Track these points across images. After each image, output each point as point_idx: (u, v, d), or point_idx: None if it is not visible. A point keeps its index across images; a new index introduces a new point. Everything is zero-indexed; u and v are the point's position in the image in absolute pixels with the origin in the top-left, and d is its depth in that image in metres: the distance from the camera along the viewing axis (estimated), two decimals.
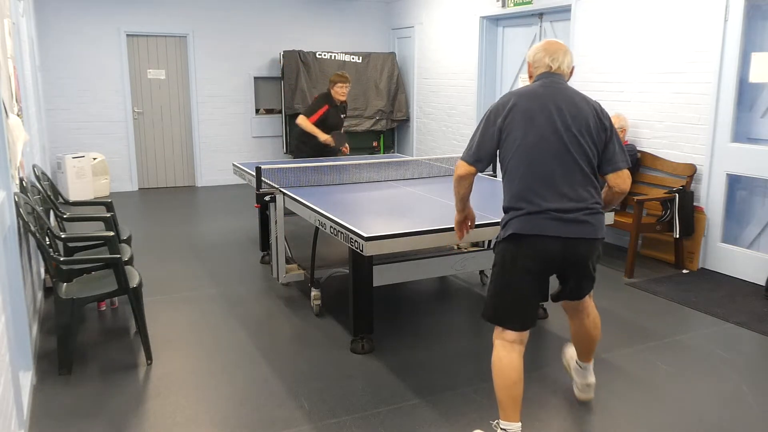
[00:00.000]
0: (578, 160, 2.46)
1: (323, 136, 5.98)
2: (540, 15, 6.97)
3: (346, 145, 6.33)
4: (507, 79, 7.65)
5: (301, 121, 6.03)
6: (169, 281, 4.87)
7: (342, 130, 6.36)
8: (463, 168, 2.62)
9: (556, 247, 2.46)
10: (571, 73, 2.67)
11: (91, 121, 8.50)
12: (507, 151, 2.52)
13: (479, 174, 4.99)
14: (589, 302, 2.89)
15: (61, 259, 3.53)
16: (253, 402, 3.07)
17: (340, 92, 6.10)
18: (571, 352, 3.14)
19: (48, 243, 3.49)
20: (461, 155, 2.64)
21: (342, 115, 6.30)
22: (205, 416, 2.94)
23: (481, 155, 2.58)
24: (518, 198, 2.48)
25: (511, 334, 2.57)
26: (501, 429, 2.55)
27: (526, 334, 2.61)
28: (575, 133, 2.46)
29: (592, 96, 6.08)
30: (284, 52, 8.91)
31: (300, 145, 6.22)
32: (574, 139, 2.45)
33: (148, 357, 3.48)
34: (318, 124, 6.02)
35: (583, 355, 3.01)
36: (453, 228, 3.29)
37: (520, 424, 2.55)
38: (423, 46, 9.05)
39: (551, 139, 2.44)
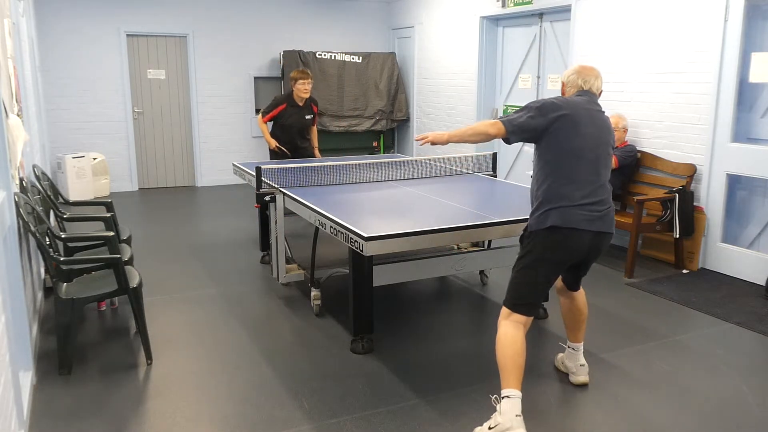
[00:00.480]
0: (607, 168, 2.87)
1: (266, 137, 6.13)
2: (540, 15, 6.97)
3: (317, 149, 6.39)
4: (507, 79, 7.65)
5: (259, 122, 6.18)
6: (169, 281, 4.87)
7: (314, 129, 6.33)
8: (499, 130, 2.83)
9: (587, 239, 2.79)
10: (599, 95, 3.08)
11: (91, 121, 8.50)
12: (551, 149, 2.80)
13: (478, 174, 5.02)
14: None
15: (61, 259, 3.53)
16: (253, 402, 3.07)
17: (301, 89, 5.99)
18: (559, 356, 3.42)
19: (48, 243, 3.49)
20: (501, 118, 2.85)
21: (308, 116, 6.15)
22: (205, 416, 2.94)
23: (519, 133, 2.82)
24: (559, 194, 2.76)
25: (521, 317, 2.83)
26: (504, 396, 2.70)
27: (531, 318, 2.89)
28: (606, 146, 2.87)
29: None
30: (284, 52, 8.91)
31: (271, 151, 6.27)
32: (605, 151, 2.85)
33: (148, 357, 3.48)
34: (275, 123, 6.05)
35: (573, 333, 3.24)
36: (453, 228, 3.30)
37: (521, 393, 2.71)
38: (423, 46, 9.05)
39: (593, 148, 2.80)
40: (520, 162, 7.55)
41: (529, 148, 7.38)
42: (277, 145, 6.10)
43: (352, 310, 3.57)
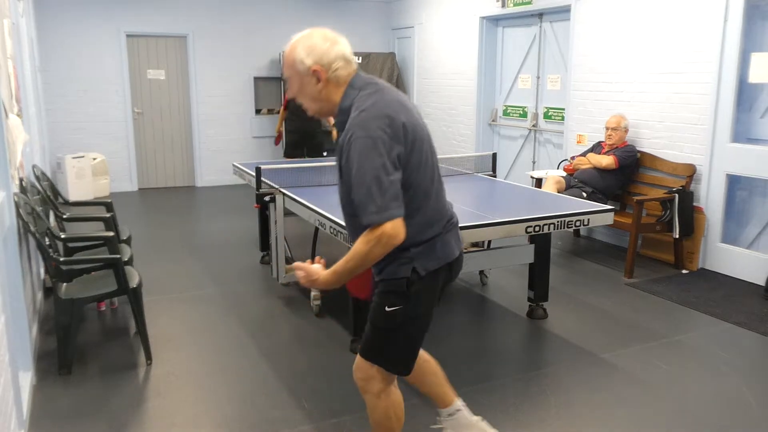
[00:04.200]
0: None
1: (278, 127, 6.74)
2: (540, 15, 6.97)
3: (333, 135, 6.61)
4: (507, 79, 7.65)
5: (281, 113, 6.76)
6: (169, 281, 4.87)
7: (320, 123, 6.69)
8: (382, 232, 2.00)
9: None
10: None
11: (91, 121, 8.50)
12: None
13: (478, 174, 5.02)
14: None
15: (61, 259, 3.53)
16: (253, 402, 3.07)
17: None
18: None
19: (48, 243, 3.48)
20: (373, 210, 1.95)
21: None
22: (205, 416, 2.94)
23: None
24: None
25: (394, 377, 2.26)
26: None
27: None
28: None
29: (592, 96, 6.14)
30: (284, 52, 8.89)
31: (288, 148, 6.53)
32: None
33: (148, 357, 3.48)
34: (288, 110, 6.51)
35: (442, 396, 2.52)
36: None
37: None
38: (423, 46, 9.04)
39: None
40: (520, 162, 7.55)
41: (528, 151, 7.39)
42: (279, 128, 6.65)
43: (352, 310, 3.57)
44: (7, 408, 2.38)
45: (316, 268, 2.09)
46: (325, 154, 6.59)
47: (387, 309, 2.08)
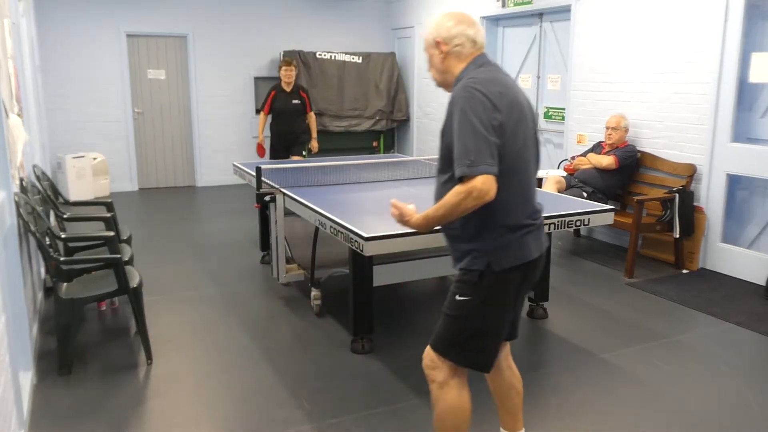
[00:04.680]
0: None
1: (260, 138, 6.80)
2: (540, 15, 6.97)
3: (311, 145, 6.85)
4: None
5: (260, 117, 6.80)
6: (169, 281, 4.87)
7: (311, 117, 6.81)
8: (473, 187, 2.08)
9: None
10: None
11: (91, 121, 8.50)
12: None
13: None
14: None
15: (62, 259, 3.53)
16: (253, 402, 3.07)
17: (284, 75, 6.64)
18: None
19: (48, 243, 3.48)
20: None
21: (295, 100, 6.67)
22: (205, 416, 2.94)
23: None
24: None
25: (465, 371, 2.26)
26: None
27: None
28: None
29: (592, 96, 6.14)
30: (284, 52, 8.91)
31: (272, 147, 6.75)
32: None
33: (148, 357, 3.48)
34: (271, 111, 6.66)
35: (511, 421, 2.49)
36: None
37: None
38: (423, 47, 9.03)
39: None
40: None
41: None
42: (260, 143, 6.80)
43: (352, 310, 3.57)
44: (7, 408, 2.39)
45: (411, 209, 2.16)
46: (304, 154, 6.72)
47: (458, 298, 2.14)
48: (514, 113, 2.02)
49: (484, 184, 1.92)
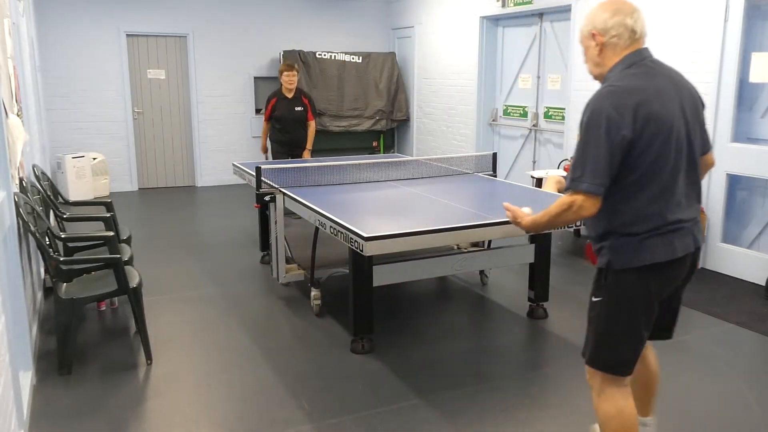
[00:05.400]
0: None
1: (262, 141, 6.53)
2: (540, 15, 6.97)
3: (307, 150, 6.46)
4: (507, 79, 7.65)
5: (264, 126, 6.45)
6: (169, 281, 4.87)
7: (311, 125, 6.46)
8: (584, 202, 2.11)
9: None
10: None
11: (91, 121, 8.50)
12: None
13: (478, 174, 5.02)
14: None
15: (61, 259, 3.53)
16: (253, 402, 3.07)
17: (286, 81, 6.23)
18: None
19: (48, 243, 3.48)
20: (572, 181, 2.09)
21: (297, 107, 6.30)
22: (204, 416, 2.94)
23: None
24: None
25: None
26: None
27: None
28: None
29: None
30: (284, 52, 8.91)
31: (273, 146, 6.48)
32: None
33: (148, 357, 3.48)
34: (272, 118, 6.31)
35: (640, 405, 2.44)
36: (453, 228, 3.30)
37: None
38: (423, 46, 9.04)
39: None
40: (520, 162, 7.55)
41: (529, 151, 7.38)
42: (264, 147, 6.50)
43: (352, 310, 3.57)
44: (7, 408, 2.38)
45: (524, 212, 2.29)
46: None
47: (593, 299, 2.17)
48: (650, 126, 1.97)
49: (584, 201, 1.99)
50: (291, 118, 6.28)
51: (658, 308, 2.13)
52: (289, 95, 6.29)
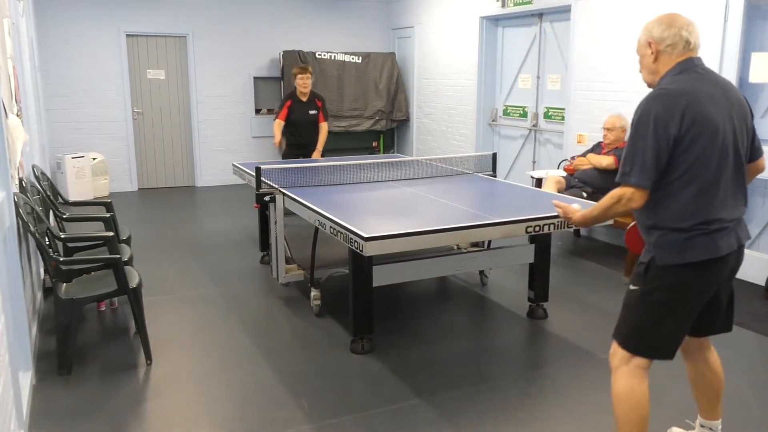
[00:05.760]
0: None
1: (276, 138, 6.16)
2: (540, 15, 6.97)
3: (317, 151, 6.30)
4: (507, 79, 7.65)
5: (275, 125, 6.20)
6: (169, 281, 4.87)
7: (323, 127, 6.33)
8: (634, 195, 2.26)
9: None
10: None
11: (91, 121, 8.50)
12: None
13: (478, 174, 5.02)
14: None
15: (61, 259, 3.53)
16: (252, 402, 3.07)
17: (301, 84, 6.11)
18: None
19: (47, 243, 3.48)
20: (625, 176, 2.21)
21: (312, 111, 6.21)
22: (204, 416, 2.94)
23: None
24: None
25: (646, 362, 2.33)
26: None
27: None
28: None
29: (592, 96, 6.15)
30: (284, 52, 8.91)
31: (285, 147, 6.35)
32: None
33: (148, 357, 3.48)
34: (287, 121, 6.15)
35: (708, 408, 2.55)
36: (453, 228, 3.30)
37: None
38: (423, 46, 9.04)
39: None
40: (520, 162, 7.55)
41: (528, 151, 7.39)
42: (278, 141, 6.16)
43: (352, 310, 3.57)
44: (7, 408, 2.38)
45: (575, 208, 2.48)
46: None
47: (630, 287, 2.29)
48: (695, 127, 2.08)
49: (633, 194, 2.15)
50: (305, 121, 6.19)
51: (701, 304, 2.25)
52: (304, 98, 6.17)
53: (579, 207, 2.46)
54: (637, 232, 2.45)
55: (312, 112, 6.22)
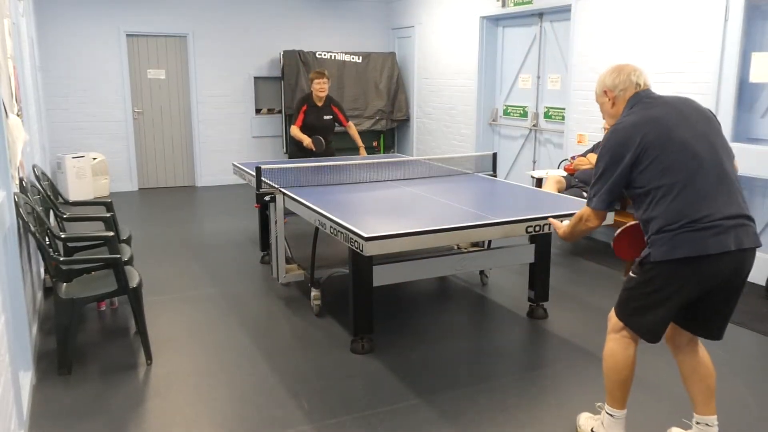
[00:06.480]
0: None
1: (306, 141, 6.02)
2: (540, 15, 6.97)
3: (361, 148, 6.33)
4: (507, 79, 7.65)
5: (292, 130, 6.14)
6: (169, 281, 4.87)
7: (350, 127, 6.37)
8: (593, 216, 2.63)
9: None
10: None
11: (91, 121, 8.50)
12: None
13: (478, 174, 5.02)
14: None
15: (61, 259, 3.53)
16: (253, 402, 3.07)
17: (317, 89, 6.10)
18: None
19: (48, 243, 3.48)
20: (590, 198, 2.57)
21: (326, 116, 6.20)
22: (204, 416, 2.94)
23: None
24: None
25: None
26: (608, 413, 2.67)
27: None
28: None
29: (593, 96, 6.12)
30: (284, 52, 8.91)
31: (293, 147, 6.30)
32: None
33: (148, 357, 3.48)
34: (303, 125, 6.10)
35: (701, 403, 2.65)
36: (453, 228, 3.31)
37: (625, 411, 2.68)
38: (423, 46, 9.04)
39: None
40: (520, 162, 7.55)
41: (529, 151, 7.38)
42: (310, 141, 6.04)
43: (352, 310, 3.57)
44: (7, 408, 2.38)
45: (562, 224, 2.78)
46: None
47: (630, 274, 2.53)
48: (653, 148, 2.34)
49: (590, 215, 2.55)
50: (320, 126, 6.14)
51: (691, 298, 2.43)
52: (320, 103, 6.15)
53: (567, 223, 2.75)
54: (625, 239, 2.65)
55: (327, 117, 6.22)
